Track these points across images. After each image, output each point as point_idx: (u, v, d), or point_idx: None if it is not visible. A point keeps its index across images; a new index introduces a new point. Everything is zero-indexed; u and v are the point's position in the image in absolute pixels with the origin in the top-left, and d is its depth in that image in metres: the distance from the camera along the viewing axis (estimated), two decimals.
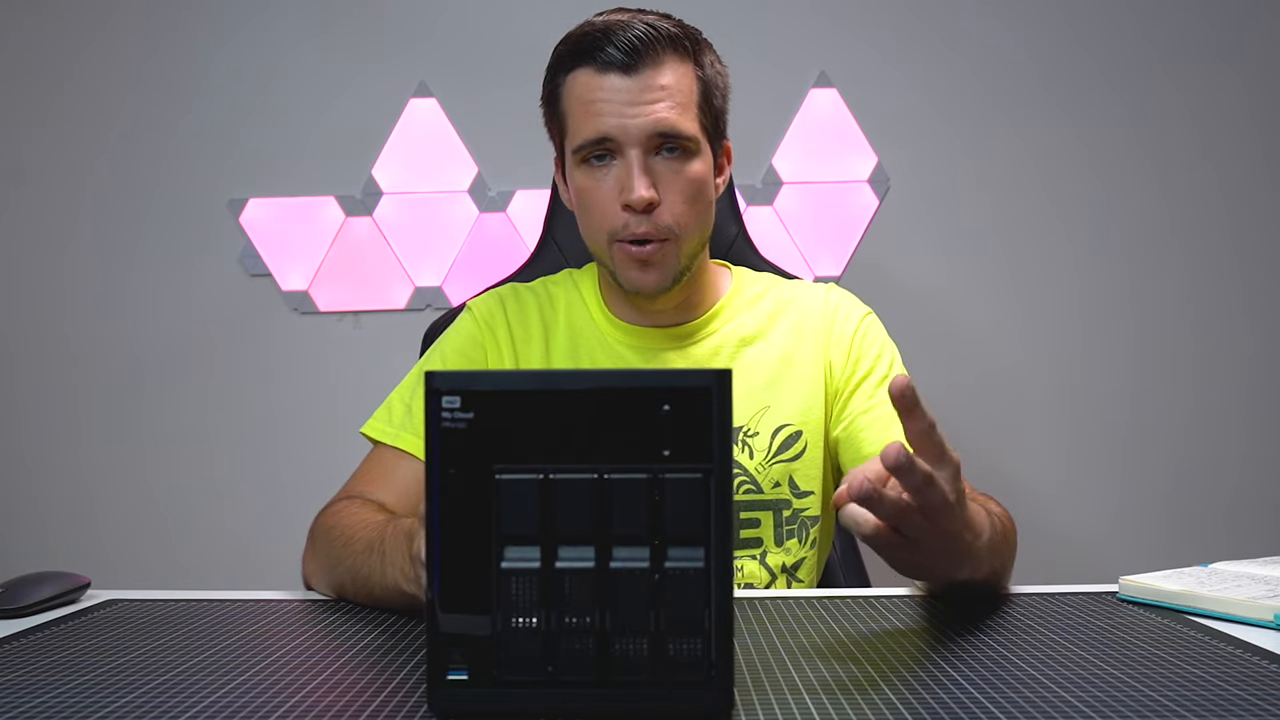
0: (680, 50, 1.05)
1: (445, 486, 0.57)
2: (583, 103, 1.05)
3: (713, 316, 1.16)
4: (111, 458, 1.90)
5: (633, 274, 1.07)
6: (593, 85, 1.04)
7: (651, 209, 1.04)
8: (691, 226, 1.07)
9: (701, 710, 0.57)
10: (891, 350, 1.16)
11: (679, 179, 1.05)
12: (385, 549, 0.84)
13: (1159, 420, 1.88)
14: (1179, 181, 1.88)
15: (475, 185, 1.88)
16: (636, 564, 0.56)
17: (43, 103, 1.89)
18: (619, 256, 1.07)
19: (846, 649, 0.72)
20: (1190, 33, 1.88)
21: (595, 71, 1.04)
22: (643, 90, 1.03)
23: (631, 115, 1.02)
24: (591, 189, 1.07)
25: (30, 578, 0.91)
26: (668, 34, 1.04)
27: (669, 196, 1.05)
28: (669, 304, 1.14)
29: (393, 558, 0.82)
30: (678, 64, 1.05)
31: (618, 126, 1.03)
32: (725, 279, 1.21)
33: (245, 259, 1.89)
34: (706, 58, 1.08)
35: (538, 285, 1.21)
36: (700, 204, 1.07)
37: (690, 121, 1.05)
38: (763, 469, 1.11)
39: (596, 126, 1.04)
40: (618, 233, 1.06)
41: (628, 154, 1.03)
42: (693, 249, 1.09)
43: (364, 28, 1.88)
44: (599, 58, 1.03)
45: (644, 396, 0.57)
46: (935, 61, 1.88)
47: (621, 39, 1.03)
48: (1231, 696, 0.60)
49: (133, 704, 0.62)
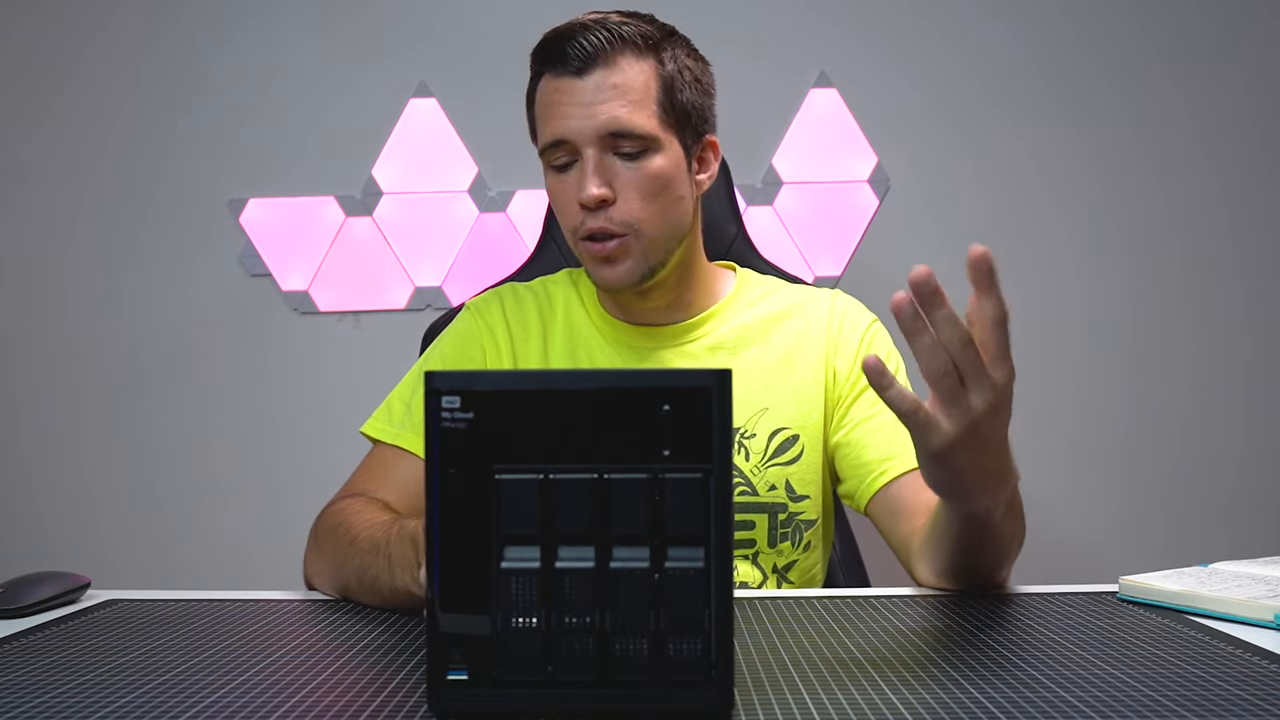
0: (634, 49, 1.06)
1: (445, 486, 0.57)
2: (543, 107, 1.09)
3: (710, 316, 1.16)
4: (111, 458, 1.90)
5: (598, 270, 1.09)
6: (550, 90, 1.08)
7: (604, 206, 1.05)
8: (652, 222, 1.07)
9: (701, 710, 0.57)
10: (896, 358, 1.16)
11: (635, 176, 1.06)
12: (391, 551, 0.84)
13: (1159, 420, 1.88)
14: (1179, 181, 1.88)
15: (475, 185, 1.88)
16: (636, 564, 0.56)
17: (43, 103, 1.89)
18: (584, 255, 1.10)
19: (846, 649, 0.72)
20: (1190, 33, 1.88)
21: (553, 76, 1.07)
22: (595, 91, 1.05)
23: (584, 116, 1.05)
24: (557, 191, 1.10)
25: (30, 578, 0.91)
26: (621, 34, 1.06)
27: (625, 193, 1.06)
28: (660, 302, 1.14)
29: (400, 560, 0.82)
30: (633, 62, 1.06)
31: (572, 128, 1.05)
32: (727, 280, 1.20)
33: (245, 259, 1.89)
34: (669, 54, 1.08)
35: (536, 285, 1.21)
36: (662, 200, 1.07)
37: (646, 118, 1.05)
38: (758, 471, 1.10)
39: (553, 129, 1.07)
40: (579, 229, 1.08)
41: (584, 154, 1.06)
42: (662, 244, 1.09)
43: (364, 28, 1.88)
44: (556, 62, 1.06)
45: (644, 396, 0.57)
46: (935, 61, 1.88)
47: (575, 43, 1.05)
48: (1231, 696, 0.60)
49: (133, 704, 0.62)
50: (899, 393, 0.72)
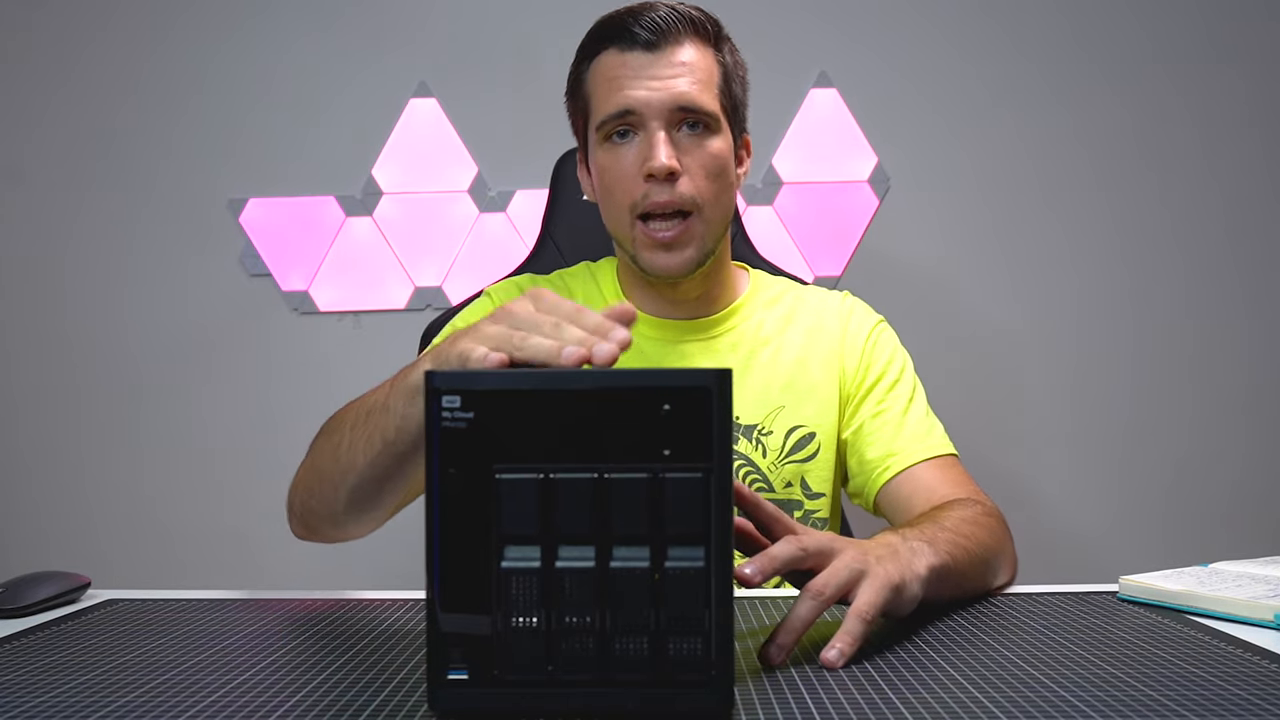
0: (703, 33, 1.08)
1: (445, 486, 0.57)
2: (606, 79, 1.07)
3: (733, 312, 1.17)
4: (111, 458, 1.90)
5: (656, 257, 1.08)
6: (616, 63, 1.07)
7: (674, 178, 1.05)
8: (713, 202, 1.07)
9: (701, 710, 0.57)
10: (903, 357, 1.17)
11: (701, 153, 1.06)
12: (390, 398, 0.77)
13: (1159, 419, 1.88)
14: (1179, 181, 1.88)
15: (475, 185, 1.88)
16: (637, 563, 0.56)
17: (42, 103, 1.89)
18: (641, 239, 1.08)
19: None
20: (1190, 33, 1.88)
21: (619, 50, 1.07)
22: (665, 65, 1.05)
23: (654, 88, 1.04)
24: (612, 165, 1.08)
25: (30, 578, 0.91)
26: (690, 17, 1.07)
27: (691, 169, 1.06)
28: (690, 294, 1.14)
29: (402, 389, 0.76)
30: (700, 45, 1.07)
31: (640, 99, 1.05)
32: (744, 279, 1.22)
33: (245, 259, 1.89)
34: (726, 46, 1.11)
35: (554, 277, 1.21)
36: (721, 181, 1.08)
37: (711, 99, 1.06)
38: (775, 468, 1.11)
39: (619, 101, 1.05)
40: (639, 205, 1.06)
41: (650, 126, 1.05)
42: (715, 230, 1.09)
43: (364, 28, 1.88)
44: (623, 37, 1.06)
45: (644, 396, 0.57)
46: (935, 61, 1.88)
47: (645, 19, 1.06)
48: (1231, 696, 0.60)
49: (133, 704, 0.62)
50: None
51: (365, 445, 0.80)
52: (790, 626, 0.69)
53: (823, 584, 0.70)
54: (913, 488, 1.07)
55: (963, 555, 0.83)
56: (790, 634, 0.69)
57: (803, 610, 0.69)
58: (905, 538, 0.78)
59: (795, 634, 0.69)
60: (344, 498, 0.85)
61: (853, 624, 0.69)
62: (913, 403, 1.13)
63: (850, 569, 0.71)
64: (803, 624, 0.69)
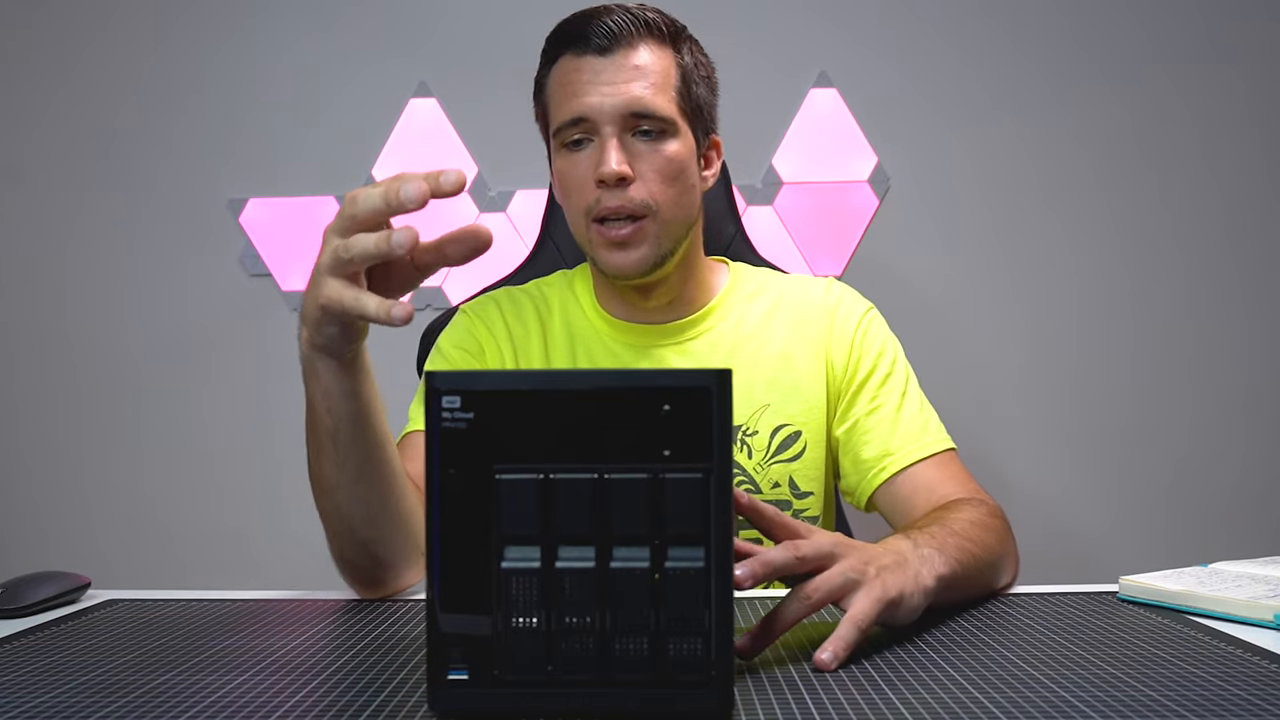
0: (657, 35, 1.07)
1: (445, 486, 0.57)
2: (561, 85, 1.07)
3: (708, 313, 1.16)
4: (111, 458, 1.90)
5: (611, 256, 1.07)
6: (571, 68, 1.07)
7: (625, 184, 1.04)
8: (669, 205, 1.06)
9: (701, 710, 0.57)
10: (894, 346, 1.15)
11: (655, 157, 1.06)
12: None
13: (1159, 419, 1.88)
14: (1179, 181, 1.88)
15: (475, 185, 1.88)
16: (637, 564, 0.56)
17: (42, 103, 1.89)
18: (596, 240, 1.08)
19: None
20: (1190, 33, 1.88)
21: (575, 56, 1.07)
22: (617, 70, 1.05)
23: (607, 94, 1.04)
24: (569, 171, 1.08)
25: (30, 578, 0.91)
26: (644, 20, 1.06)
27: (644, 174, 1.05)
28: (663, 299, 1.14)
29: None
30: (655, 48, 1.07)
31: (593, 106, 1.04)
32: (721, 275, 1.20)
33: (245, 259, 1.89)
34: (686, 47, 1.10)
35: (531, 287, 1.21)
36: (679, 185, 1.07)
37: (666, 102, 1.06)
38: (761, 469, 1.10)
39: (572, 108, 1.05)
40: (592, 209, 1.06)
41: (603, 132, 1.05)
42: (674, 231, 1.08)
43: (364, 28, 1.88)
44: (578, 42, 1.06)
45: (644, 396, 0.57)
46: (935, 61, 1.88)
47: (599, 24, 1.05)
48: (1231, 696, 0.60)
49: (133, 704, 0.62)
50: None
51: (322, 453, 0.86)
52: (769, 623, 0.69)
53: (813, 588, 0.70)
54: (913, 488, 1.06)
55: (971, 561, 0.83)
56: (768, 631, 0.69)
57: (787, 610, 0.70)
58: (917, 544, 0.78)
59: (773, 633, 0.69)
60: (355, 523, 0.88)
61: (846, 630, 0.69)
62: (906, 396, 1.11)
63: (845, 577, 0.71)
64: (783, 624, 0.70)
